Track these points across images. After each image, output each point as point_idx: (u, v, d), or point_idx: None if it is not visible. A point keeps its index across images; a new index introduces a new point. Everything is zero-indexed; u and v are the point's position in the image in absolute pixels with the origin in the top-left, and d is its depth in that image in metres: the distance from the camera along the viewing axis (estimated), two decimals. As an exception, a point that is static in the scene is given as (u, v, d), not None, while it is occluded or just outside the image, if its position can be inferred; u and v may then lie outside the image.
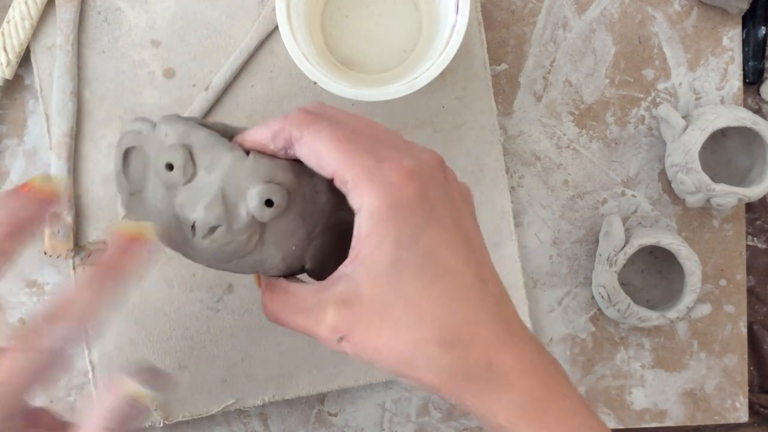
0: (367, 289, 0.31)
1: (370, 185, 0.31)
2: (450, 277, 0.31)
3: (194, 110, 0.53)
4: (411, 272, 0.31)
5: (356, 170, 0.31)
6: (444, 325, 0.31)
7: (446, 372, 0.31)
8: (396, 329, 0.31)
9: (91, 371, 0.54)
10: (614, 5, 0.56)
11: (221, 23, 0.53)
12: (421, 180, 0.32)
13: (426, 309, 0.31)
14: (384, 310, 0.31)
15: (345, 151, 0.32)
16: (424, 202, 0.31)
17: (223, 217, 0.34)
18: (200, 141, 0.35)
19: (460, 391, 0.32)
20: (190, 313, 0.55)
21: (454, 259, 0.32)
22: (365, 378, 0.56)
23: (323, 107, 0.35)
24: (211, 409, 0.55)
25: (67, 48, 0.52)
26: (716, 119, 0.52)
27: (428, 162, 0.34)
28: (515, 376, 0.32)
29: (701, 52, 0.57)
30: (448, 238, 0.32)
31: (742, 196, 0.52)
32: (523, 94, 0.57)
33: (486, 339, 0.32)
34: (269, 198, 0.34)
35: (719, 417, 0.60)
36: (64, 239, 0.53)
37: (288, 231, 0.35)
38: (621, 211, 0.58)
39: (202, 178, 0.35)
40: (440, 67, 0.46)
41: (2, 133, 0.55)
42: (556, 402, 0.33)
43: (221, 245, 0.35)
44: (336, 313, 0.32)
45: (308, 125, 0.33)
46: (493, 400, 0.32)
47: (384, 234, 0.31)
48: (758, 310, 0.61)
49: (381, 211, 0.31)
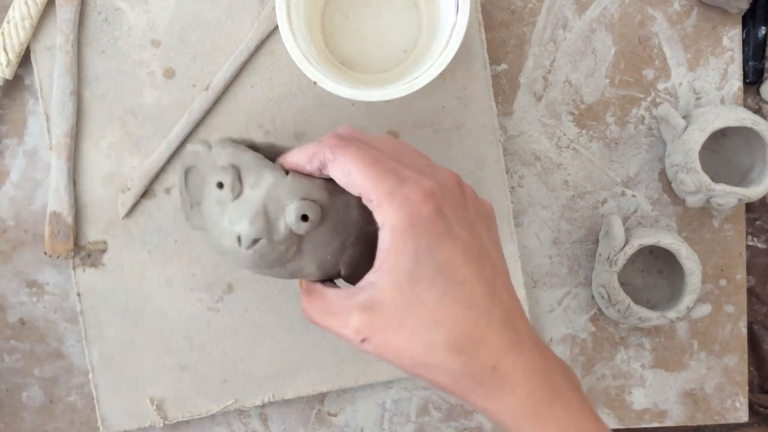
0: (388, 296, 0.35)
1: (392, 204, 0.35)
2: (461, 288, 0.35)
3: (194, 110, 0.53)
4: (426, 282, 0.34)
5: (380, 190, 0.35)
6: (454, 332, 0.34)
7: (455, 374, 0.34)
8: (412, 333, 0.34)
9: (91, 371, 0.55)
10: (614, 5, 0.56)
11: (221, 23, 0.53)
12: (438, 199, 0.35)
13: (438, 316, 0.34)
14: (402, 315, 0.34)
15: (370, 173, 0.35)
16: (440, 219, 0.35)
17: (264, 230, 0.39)
18: (247, 162, 0.40)
19: (468, 392, 0.35)
20: (190, 313, 0.55)
21: (466, 272, 0.35)
22: (365, 378, 0.56)
23: (354, 131, 0.39)
24: (211, 409, 0.55)
25: (67, 48, 0.52)
26: (716, 119, 0.52)
27: (446, 181, 0.37)
28: (519, 379, 0.34)
29: (701, 52, 0.57)
30: (462, 252, 0.35)
31: (742, 196, 0.52)
32: (523, 94, 0.57)
33: (492, 345, 0.34)
34: (305, 213, 0.38)
35: (719, 417, 0.60)
36: (64, 239, 0.53)
37: (323, 242, 0.40)
38: (621, 211, 0.58)
39: (247, 195, 0.39)
40: (440, 68, 0.45)
41: (2, 133, 0.55)
42: (559, 405, 0.35)
43: (263, 255, 0.39)
44: (360, 318, 0.35)
45: (339, 149, 0.37)
46: (497, 402, 0.35)
47: (403, 247, 0.34)
48: (758, 310, 0.61)
49: (401, 227, 0.34)
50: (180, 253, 0.54)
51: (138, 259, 0.54)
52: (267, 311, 0.55)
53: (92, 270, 0.54)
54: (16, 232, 0.55)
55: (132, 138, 0.53)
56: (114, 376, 0.55)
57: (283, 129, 0.54)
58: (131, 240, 0.54)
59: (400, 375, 0.56)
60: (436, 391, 0.58)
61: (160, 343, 0.55)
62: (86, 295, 0.54)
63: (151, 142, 0.53)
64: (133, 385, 0.55)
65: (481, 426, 0.59)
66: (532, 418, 0.34)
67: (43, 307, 0.56)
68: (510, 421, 0.35)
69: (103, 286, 0.54)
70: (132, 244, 0.54)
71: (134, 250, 0.54)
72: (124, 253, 0.54)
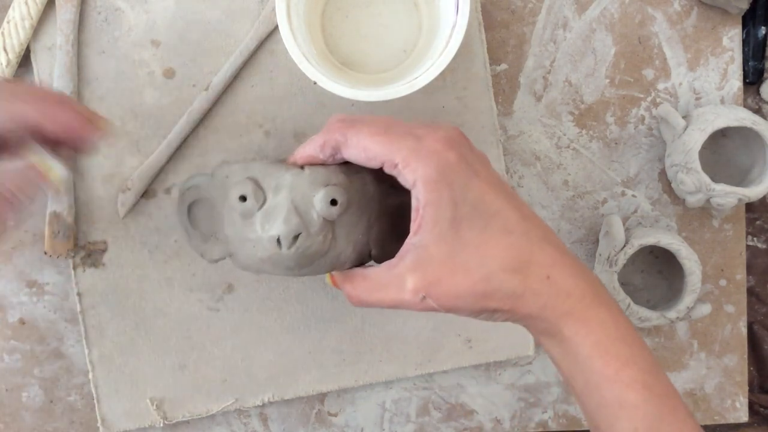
0: (434, 249, 0.37)
1: (419, 159, 0.36)
2: (498, 218, 0.37)
3: (194, 110, 0.53)
4: (466, 222, 0.37)
5: (403, 152, 0.37)
6: (504, 258, 0.37)
7: (516, 293, 0.37)
8: (467, 273, 0.37)
9: (91, 371, 0.54)
10: (614, 5, 0.56)
11: (221, 23, 0.53)
12: (457, 145, 0.38)
13: (485, 249, 0.37)
14: (453, 260, 0.37)
15: (387, 141, 0.37)
16: (463, 162, 0.37)
17: (300, 225, 0.40)
18: (261, 170, 0.41)
19: (527, 308, 0.38)
20: (190, 313, 0.55)
21: (498, 203, 0.38)
22: (365, 378, 0.56)
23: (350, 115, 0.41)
24: (211, 409, 0.55)
25: (67, 48, 0.52)
26: (716, 119, 0.52)
27: (452, 131, 0.39)
28: (570, 285, 0.38)
29: (701, 52, 0.57)
30: (489, 188, 0.38)
31: (742, 196, 0.52)
32: (523, 94, 0.57)
33: (540, 260, 0.38)
34: (333, 198, 0.40)
35: (719, 417, 0.60)
36: (64, 239, 0.53)
37: (352, 223, 0.42)
38: (621, 211, 0.58)
39: (271, 200, 0.41)
40: (440, 68, 0.45)
41: (2, 133, 0.55)
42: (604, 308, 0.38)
43: (304, 250, 0.40)
44: (413, 278, 0.37)
45: (348, 129, 0.38)
46: (555, 310, 0.38)
47: (439, 196, 0.36)
48: (758, 310, 0.61)
49: (434, 177, 0.36)
50: (180, 253, 0.54)
51: (138, 259, 0.54)
52: (267, 311, 0.55)
53: (92, 270, 0.54)
54: (16, 232, 0.55)
55: (132, 138, 0.53)
56: (114, 376, 0.55)
57: (283, 129, 0.54)
58: (131, 240, 0.54)
59: (400, 375, 0.56)
60: (436, 391, 0.58)
61: (160, 343, 0.55)
62: (86, 295, 0.54)
63: (151, 142, 0.53)
64: (133, 385, 0.55)
65: (481, 426, 0.59)
66: (582, 320, 0.38)
67: (43, 307, 0.56)
68: (564, 324, 0.38)
69: (103, 286, 0.54)
70: (132, 244, 0.54)
71: (134, 250, 0.54)
72: (124, 253, 0.54)
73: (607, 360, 0.38)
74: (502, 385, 0.59)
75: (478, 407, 0.59)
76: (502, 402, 0.59)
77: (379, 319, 0.56)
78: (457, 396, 0.59)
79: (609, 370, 0.37)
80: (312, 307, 0.55)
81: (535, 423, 0.59)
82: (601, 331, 0.38)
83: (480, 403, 0.59)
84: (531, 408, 0.59)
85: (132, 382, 0.55)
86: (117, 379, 0.55)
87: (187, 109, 0.53)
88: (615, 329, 0.38)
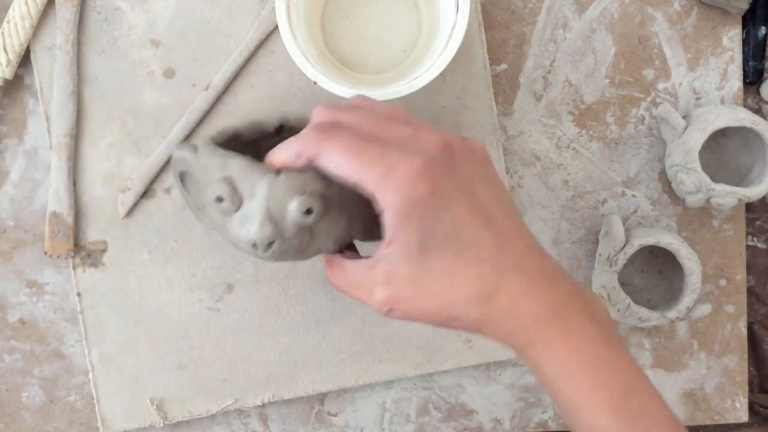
0: (403, 268, 0.37)
1: (387, 190, 0.36)
2: (470, 249, 0.37)
3: (194, 110, 0.53)
4: (436, 251, 0.37)
5: (373, 178, 0.36)
6: (469, 288, 0.37)
7: (477, 322, 0.38)
8: (432, 297, 0.37)
9: (91, 371, 0.54)
10: (614, 5, 0.56)
11: (221, 23, 0.53)
12: (430, 173, 0.36)
13: (453, 278, 0.37)
14: (420, 283, 0.37)
15: (360, 164, 0.36)
16: (437, 192, 0.36)
17: (275, 233, 0.40)
18: (237, 170, 0.40)
19: (491, 334, 0.39)
20: (190, 313, 0.55)
21: (471, 233, 0.37)
22: (365, 378, 0.56)
23: (334, 113, 0.39)
24: (211, 409, 0.55)
25: (67, 48, 0.52)
26: (716, 119, 0.52)
27: (433, 151, 0.37)
28: (532, 318, 0.37)
29: (701, 52, 0.57)
30: (463, 217, 0.37)
31: (742, 196, 0.52)
32: (523, 94, 0.57)
33: (506, 292, 0.37)
34: (308, 207, 0.39)
35: (719, 417, 0.60)
36: (64, 239, 0.53)
37: (332, 222, 0.41)
38: (621, 211, 0.58)
39: (247, 204, 0.40)
40: (440, 68, 0.46)
41: (2, 133, 0.55)
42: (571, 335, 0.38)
43: (281, 252, 0.41)
44: (382, 290, 0.38)
45: (322, 142, 0.37)
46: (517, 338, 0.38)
47: (408, 226, 0.36)
48: (758, 310, 0.61)
49: (402, 209, 0.36)
50: (180, 253, 0.54)
51: (138, 259, 0.54)
52: (267, 311, 0.55)
53: (92, 270, 0.54)
54: (16, 232, 0.55)
55: (132, 138, 0.53)
56: (114, 376, 0.55)
57: (283, 129, 0.54)
58: (131, 240, 0.54)
59: (400, 375, 0.56)
60: (436, 391, 0.58)
61: (160, 343, 0.55)
62: (86, 295, 0.54)
63: (151, 142, 0.53)
64: (133, 385, 0.55)
65: (481, 426, 0.59)
66: (547, 348, 0.38)
67: (43, 307, 0.56)
68: (529, 351, 0.38)
69: (103, 286, 0.54)
70: (132, 244, 0.54)
71: (134, 250, 0.54)
72: (124, 253, 0.54)
73: (573, 386, 0.38)
74: (502, 385, 0.59)
75: (478, 407, 0.59)
76: (502, 402, 0.59)
77: (379, 319, 0.56)
78: (457, 396, 0.59)
79: (576, 396, 0.38)
80: (312, 307, 0.55)
81: (535, 423, 0.59)
82: (566, 359, 0.38)
83: (480, 403, 0.59)
84: (531, 408, 0.59)
85: (132, 382, 0.55)
86: (117, 379, 0.55)
87: (187, 109, 0.53)
88: (581, 355, 0.38)
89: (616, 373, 0.38)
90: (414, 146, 0.38)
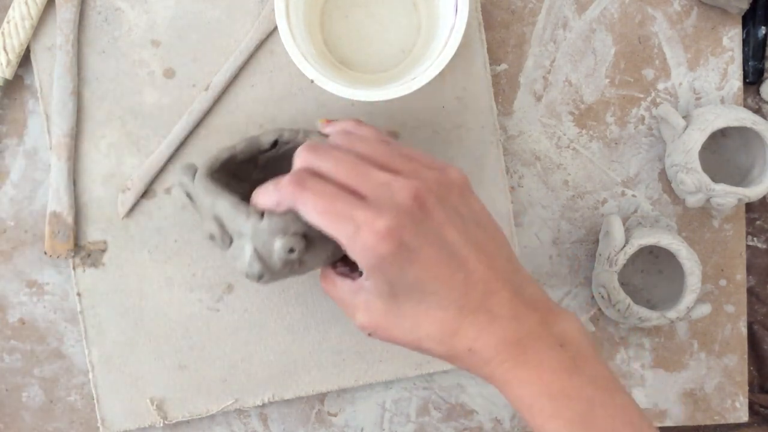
0: (378, 305, 0.41)
1: (354, 251, 0.39)
2: (432, 297, 0.40)
3: (194, 110, 0.53)
4: (403, 296, 0.40)
5: (341, 238, 0.39)
6: (432, 331, 0.41)
7: (443, 357, 0.42)
8: (402, 332, 0.42)
9: (91, 371, 0.55)
10: (614, 5, 0.56)
11: (221, 23, 0.53)
12: (395, 233, 0.38)
13: (417, 320, 0.41)
14: (391, 319, 0.41)
15: (328, 223, 0.39)
16: (401, 252, 0.39)
17: (263, 269, 0.43)
18: (225, 212, 0.43)
19: (459, 365, 0.42)
20: (190, 313, 0.55)
21: (435, 284, 0.40)
22: (365, 378, 0.56)
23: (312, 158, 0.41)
24: (211, 409, 0.55)
25: (67, 48, 0.52)
26: (716, 119, 0.52)
27: (405, 202, 0.39)
28: (491, 354, 0.40)
29: (701, 52, 0.57)
30: (428, 270, 0.39)
31: (742, 196, 0.52)
32: (523, 94, 0.57)
33: (466, 334, 0.40)
34: (291, 247, 0.42)
35: (719, 417, 0.60)
36: (64, 239, 0.53)
37: (319, 249, 0.43)
38: (621, 211, 0.58)
39: (236, 243, 0.43)
40: (438, 68, 0.45)
41: (2, 133, 0.55)
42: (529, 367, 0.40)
43: (272, 280, 0.44)
44: (362, 316, 0.42)
45: (297, 196, 0.40)
46: (479, 371, 0.41)
47: (376, 279, 0.40)
48: (758, 310, 0.61)
49: (369, 265, 0.39)
50: (180, 253, 0.54)
51: (138, 259, 0.54)
52: (267, 311, 0.55)
53: (92, 270, 0.54)
54: (16, 232, 0.55)
55: (132, 138, 0.53)
56: (114, 376, 0.55)
57: (283, 129, 0.54)
58: (131, 240, 0.54)
59: (400, 375, 0.56)
60: (436, 391, 0.58)
61: (160, 343, 0.55)
62: (86, 295, 0.54)
63: (151, 142, 0.53)
64: (133, 385, 0.55)
65: (481, 426, 0.59)
66: (504, 381, 0.40)
67: (43, 307, 0.56)
68: (491, 381, 0.41)
69: (103, 286, 0.54)
70: (132, 244, 0.54)
71: (134, 250, 0.54)
72: (124, 253, 0.54)
73: (532, 414, 0.39)
74: (502, 385, 0.59)
75: (478, 407, 0.59)
76: (502, 402, 0.59)
77: (379, 319, 0.56)
78: (457, 396, 0.59)
79: (535, 424, 0.40)
80: (312, 307, 0.55)
81: (535, 423, 0.59)
82: (523, 389, 0.40)
83: (480, 403, 0.59)
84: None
85: (132, 382, 0.55)
86: (117, 379, 0.55)
87: (187, 109, 0.53)
88: (539, 386, 0.39)
89: (575, 401, 0.39)
90: (385, 198, 0.39)
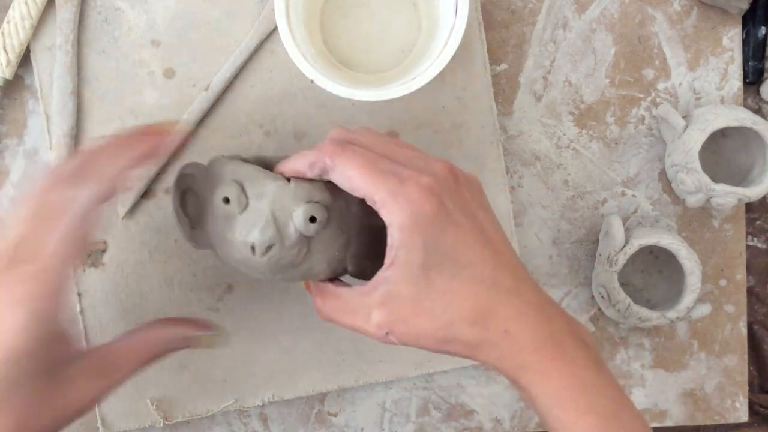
0: (403, 289, 0.38)
1: (396, 204, 0.37)
2: (468, 270, 0.38)
3: (194, 110, 0.53)
4: (436, 269, 0.38)
5: (382, 193, 0.37)
6: (467, 308, 0.38)
7: (473, 343, 0.39)
8: (430, 316, 0.38)
9: (91, 371, 0.55)
10: (614, 5, 0.56)
11: (221, 23, 0.53)
12: (437, 193, 0.38)
13: (451, 297, 0.38)
14: (419, 303, 0.38)
15: (371, 177, 0.38)
16: (441, 212, 0.38)
17: (276, 237, 0.41)
18: (248, 175, 0.41)
19: (486, 356, 0.39)
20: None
21: (470, 254, 0.38)
22: (365, 378, 0.56)
23: (348, 133, 0.41)
24: (211, 409, 0.55)
25: (67, 48, 0.52)
26: (716, 119, 0.52)
27: (440, 173, 0.39)
28: (527, 340, 0.38)
29: (701, 52, 0.57)
30: (465, 238, 0.38)
31: (742, 196, 0.52)
32: (523, 94, 0.57)
33: (502, 313, 0.38)
34: (312, 215, 0.40)
35: (719, 417, 0.60)
36: (64, 239, 0.53)
37: (330, 240, 0.42)
38: (621, 211, 0.58)
39: (253, 206, 0.41)
40: (438, 68, 0.45)
41: (2, 133, 0.55)
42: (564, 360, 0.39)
43: (277, 260, 0.41)
44: (380, 313, 0.39)
45: (338, 156, 0.39)
46: (510, 361, 0.39)
47: (412, 242, 0.37)
48: (758, 310, 0.61)
49: (408, 225, 0.37)
50: (180, 253, 0.54)
51: (138, 259, 0.54)
52: (267, 311, 0.55)
53: (92, 270, 0.54)
54: (17, 232, 0.55)
55: (132, 138, 0.54)
56: (114, 376, 0.55)
57: (283, 129, 0.54)
58: (131, 240, 0.54)
59: (400, 375, 0.56)
60: (436, 391, 0.58)
61: (160, 343, 0.55)
62: (86, 295, 0.54)
63: (151, 142, 0.53)
64: (133, 385, 0.55)
65: (481, 426, 0.59)
66: (539, 372, 0.38)
67: (44, 307, 0.56)
68: (521, 376, 0.39)
69: (103, 286, 0.54)
70: (132, 244, 0.54)
71: (134, 250, 0.54)
72: (124, 253, 0.54)
73: (565, 410, 0.38)
74: (502, 385, 0.59)
75: (478, 407, 0.59)
76: (502, 402, 0.59)
77: (379, 319, 0.56)
78: (457, 396, 0.59)
79: (567, 420, 0.38)
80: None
81: (535, 423, 0.59)
82: (557, 383, 0.39)
83: (480, 403, 0.59)
84: (531, 408, 0.59)
85: (132, 382, 0.55)
86: (117, 379, 0.55)
87: (187, 109, 0.53)
88: (573, 380, 0.39)
89: (606, 399, 0.39)
90: (423, 167, 0.39)
